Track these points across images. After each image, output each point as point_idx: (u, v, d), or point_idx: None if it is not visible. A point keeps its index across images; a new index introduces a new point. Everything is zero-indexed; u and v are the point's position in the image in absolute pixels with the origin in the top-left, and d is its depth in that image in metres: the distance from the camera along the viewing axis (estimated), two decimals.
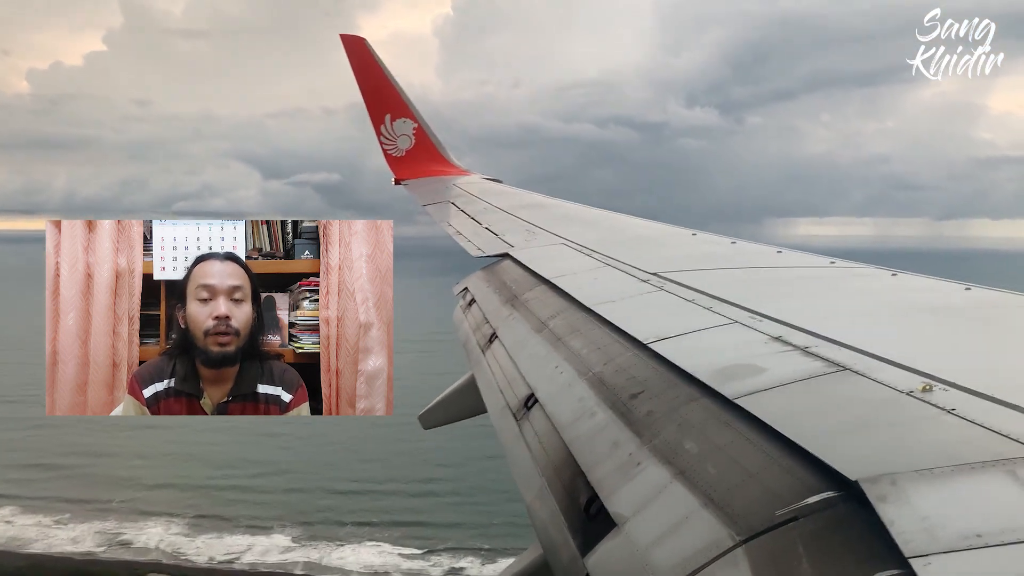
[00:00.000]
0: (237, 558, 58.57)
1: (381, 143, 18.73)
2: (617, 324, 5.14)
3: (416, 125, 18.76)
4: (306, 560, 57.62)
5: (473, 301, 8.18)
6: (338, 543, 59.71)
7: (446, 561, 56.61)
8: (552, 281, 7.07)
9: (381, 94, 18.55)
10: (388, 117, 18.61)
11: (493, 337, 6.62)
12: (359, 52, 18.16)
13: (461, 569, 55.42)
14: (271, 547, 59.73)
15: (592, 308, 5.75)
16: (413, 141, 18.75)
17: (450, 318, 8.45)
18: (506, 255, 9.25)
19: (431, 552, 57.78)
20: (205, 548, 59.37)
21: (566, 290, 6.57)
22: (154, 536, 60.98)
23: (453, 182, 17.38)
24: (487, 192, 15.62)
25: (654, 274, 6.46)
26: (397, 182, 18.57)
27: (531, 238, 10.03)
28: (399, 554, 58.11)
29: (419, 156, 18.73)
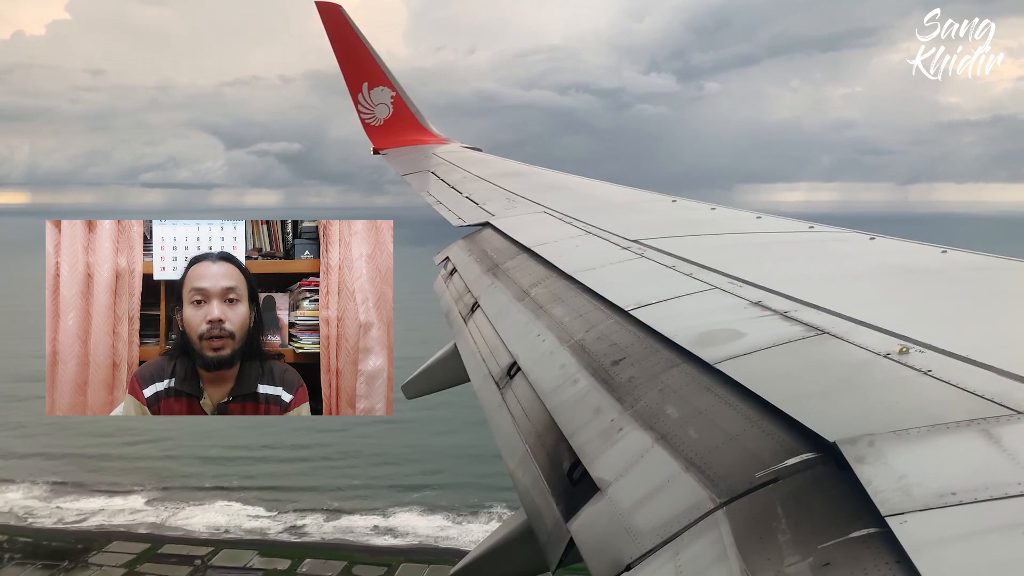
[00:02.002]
0: (86, 519, 59.93)
1: (359, 112, 18.48)
2: (598, 291, 5.15)
3: (394, 93, 18.52)
4: (152, 521, 59.31)
5: (454, 270, 8.16)
6: (189, 505, 60.95)
7: (291, 519, 58.73)
8: (533, 249, 7.06)
9: (358, 62, 18.26)
10: (365, 85, 18.34)
11: (475, 306, 6.62)
12: (335, 19, 17.83)
13: (303, 526, 57.81)
14: (123, 509, 61.33)
15: (573, 276, 5.75)
16: (391, 110, 18.51)
17: (425, 288, 8.43)
18: (487, 224, 9.22)
19: (280, 512, 59.48)
20: (58, 511, 60.60)
21: (547, 258, 6.56)
22: (10, 501, 62.16)
23: (432, 151, 17.23)
24: (467, 161, 15.51)
25: (635, 241, 6.47)
26: (376, 151, 18.37)
27: (512, 206, 10.00)
28: (246, 514, 60.15)
29: (398, 125, 18.51)
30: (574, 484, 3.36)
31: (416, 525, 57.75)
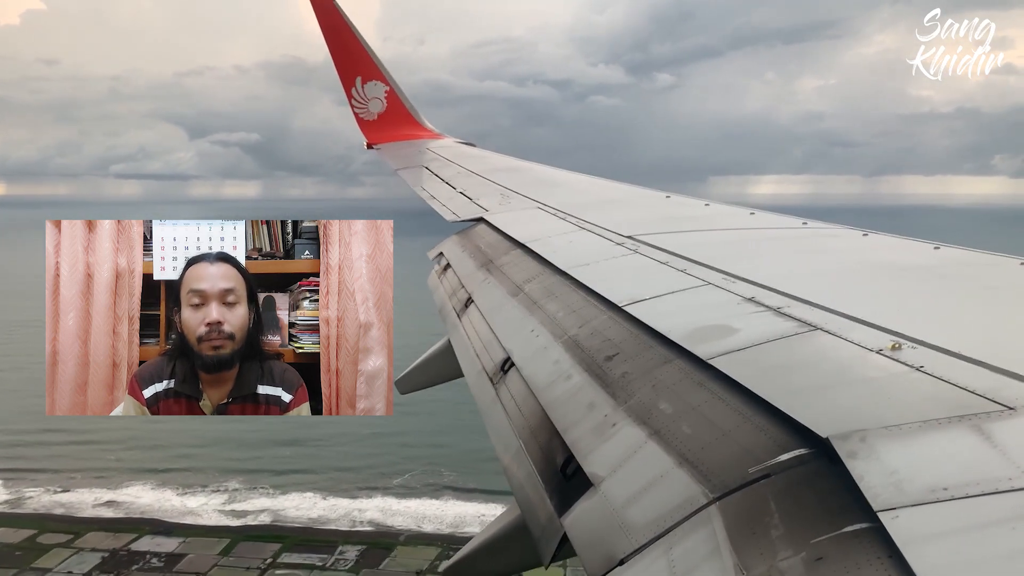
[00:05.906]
0: None
1: (352, 106, 18.43)
2: (592, 287, 5.15)
3: (388, 88, 18.47)
4: None
5: (448, 266, 8.15)
6: None
7: (16, 495, 61.95)
8: (527, 245, 7.06)
9: (352, 56, 18.20)
10: (359, 80, 18.29)
11: (469, 302, 6.62)
12: (329, 13, 17.77)
13: (27, 499, 61.19)
14: None
15: (567, 272, 5.75)
16: (385, 104, 18.46)
17: (408, 280, 8.41)
18: (481, 219, 9.21)
19: (13, 489, 62.76)
20: None
21: (541, 254, 6.56)
22: None
23: (426, 146, 17.20)
24: (461, 156, 15.49)
25: (629, 237, 6.47)
26: (369, 146, 18.32)
27: (506, 202, 9.99)
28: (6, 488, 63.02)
29: (391, 120, 18.46)
30: (567, 479, 3.37)
31: (139, 498, 59.52)
